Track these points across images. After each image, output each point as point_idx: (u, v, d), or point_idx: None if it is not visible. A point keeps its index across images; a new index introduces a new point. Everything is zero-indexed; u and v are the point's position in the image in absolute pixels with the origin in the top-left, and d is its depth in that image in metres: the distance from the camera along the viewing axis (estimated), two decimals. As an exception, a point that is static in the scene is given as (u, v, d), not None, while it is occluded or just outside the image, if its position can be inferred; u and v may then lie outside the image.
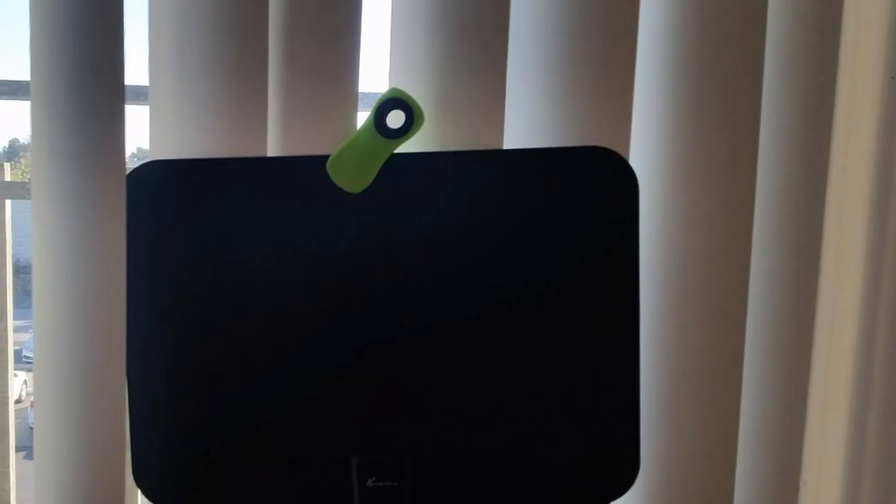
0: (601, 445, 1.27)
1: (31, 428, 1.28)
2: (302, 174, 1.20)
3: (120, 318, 1.20)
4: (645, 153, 1.30)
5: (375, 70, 1.30)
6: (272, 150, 1.22)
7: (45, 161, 1.17)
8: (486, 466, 1.26)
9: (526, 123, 1.27)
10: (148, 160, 1.20)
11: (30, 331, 1.26)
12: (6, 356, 2.11)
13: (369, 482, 1.24)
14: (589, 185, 1.22)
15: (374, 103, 1.19)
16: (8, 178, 2.10)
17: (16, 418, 2.14)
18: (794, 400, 1.39)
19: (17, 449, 2.18)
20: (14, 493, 2.14)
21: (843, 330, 1.43)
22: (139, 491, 1.26)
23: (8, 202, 2.07)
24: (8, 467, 2.12)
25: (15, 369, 2.16)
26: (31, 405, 1.26)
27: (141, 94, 1.38)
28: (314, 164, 1.19)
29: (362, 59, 1.21)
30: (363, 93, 1.23)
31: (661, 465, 1.33)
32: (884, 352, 1.43)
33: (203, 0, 1.17)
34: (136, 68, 1.26)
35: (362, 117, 1.21)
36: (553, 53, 1.24)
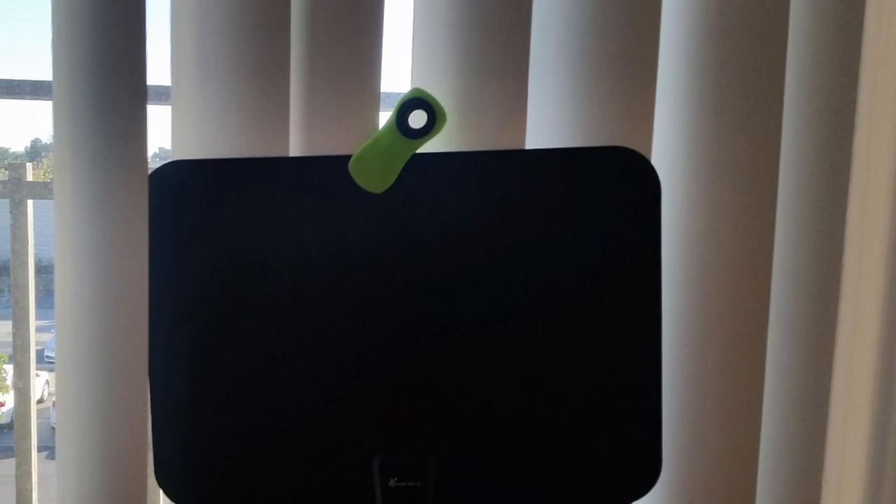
0: (624, 446, 1.25)
1: (53, 428, 1.26)
2: (324, 174, 1.18)
3: (142, 319, 1.18)
4: (667, 153, 1.28)
5: (397, 70, 1.28)
6: (294, 150, 1.20)
7: (67, 161, 1.16)
8: (509, 467, 1.25)
9: (548, 123, 1.25)
10: (170, 160, 1.19)
11: (52, 331, 1.25)
12: (28, 356, 2.11)
13: (392, 482, 1.22)
14: (611, 185, 1.20)
15: (396, 103, 1.17)
16: (30, 178, 2.09)
17: (38, 418, 2.14)
18: (816, 399, 1.37)
19: (39, 449, 2.17)
20: (36, 493, 2.13)
21: (865, 329, 1.41)
22: (161, 491, 1.25)
23: (30, 202, 2.07)
24: (30, 467, 2.11)
25: (37, 369, 2.16)
26: (53, 405, 1.25)
27: (163, 94, 1.36)
28: (336, 164, 1.18)
29: (384, 59, 1.20)
30: (385, 93, 1.21)
31: (684, 464, 1.31)
32: (906, 352, 1.42)
33: (225, 0, 1.16)
34: (158, 68, 1.25)
35: (384, 117, 1.19)
36: (575, 53, 1.22)
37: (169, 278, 1.19)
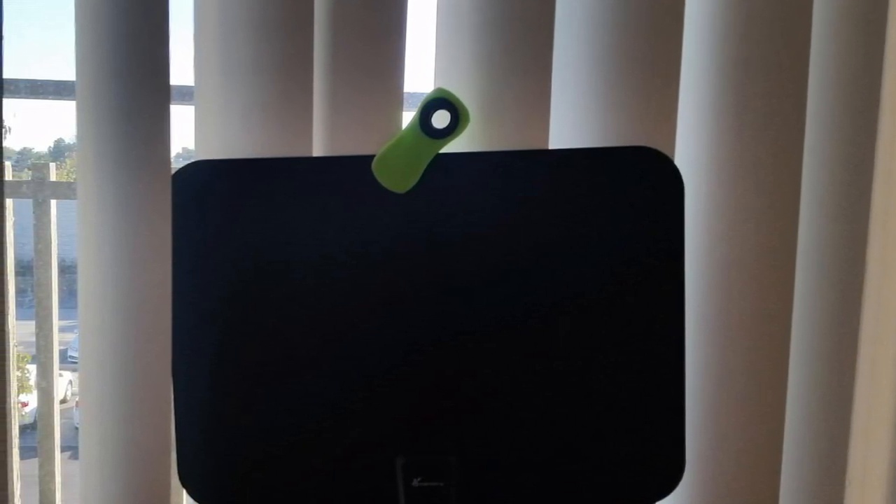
0: (647, 446, 1.23)
1: (77, 428, 1.25)
2: (347, 174, 1.16)
3: (165, 318, 1.16)
4: (690, 153, 1.26)
5: (421, 70, 1.27)
6: (317, 150, 1.19)
7: (90, 161, 1.14)
8: (532, 466, 1.23)
9: (571, 123, 1.23)
10: (193, 160, 1.17)
11: (75, 331, 1.24)
12: (51, 356, 2.10)
13: (415, 482, 1.20)
14: (634, 185, 1.18)
15: (419, 103, 1.15)
16: (53, 178, 2.09)
17: (61, 418, 2.13)
18: (839, 399, 1.34)
19: (63, 449, 2.16)
20: (59, 494, 2.12)
21: (888, 329, 1.39)
22: (184, 491, 1.23)
23: (53, 202, 2.06)
24: (53, 467, 2.11)
25: (60, 369, 2.15)
26: (77, 405, 1.24)
27: (186, 95, 1.35)
28: (359, 164, 1.16)
29: (408, 59, 1.18)
30: (409, 93, 1.20)
31: (707, 464, 1.29)
32: (929, 351, 1.40)
33: (248, 0, 1.14)
34: (182, 68, 1.24)
35: (408, 117, 1.17)
36: (598, 53, 1.20)
37: (192, 278, 1.18)
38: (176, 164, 1.17)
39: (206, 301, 1.19)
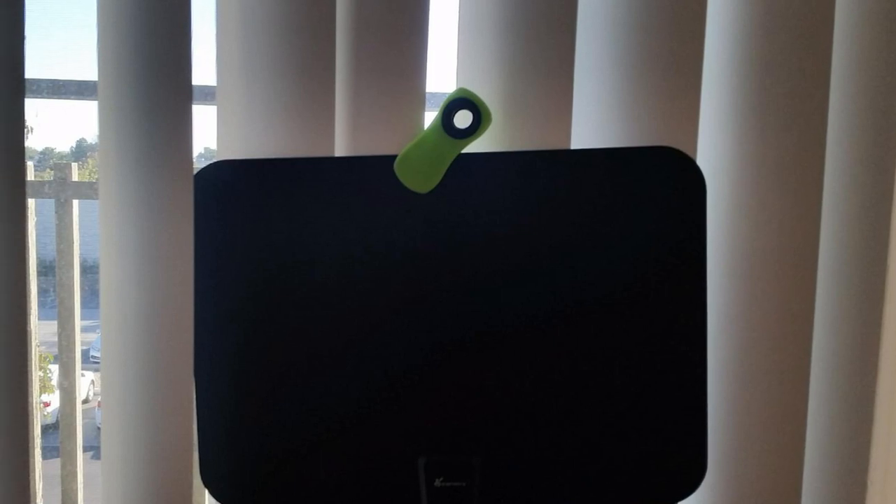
0: (669, 446, 1.21)
1: (99, 428, 1.24)
2: (369, 174, 1.15)
3: (187, 318, 1.15)
4: (712, 153, 1.24)
5: (443, 70, 1.26)
6: (339, 149, 1.17)
7: (112, 161, 1.12)
8: (554, 467, 1.21)
9: (593, 123, 1.21)
10: (215, 160, 1.16)
11: (97, 331, 1.23)
12: (74, 356, 2.10)
13: (437, 482, 1.19)
14: (656, 186, 1.17)
15: (441, 103, 1.14)
16: (75, 178, 2.08)
17: (83, 418, 2.13)
18: (861, 399, 1.33)
19: (85, 449, 2.16)
20: (81, 493, 2.12)
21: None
22: (206, 491, 1.22)
23: (75, 202, 2.06)
24: (76, 467, 2.10)
25: (82, 369, 2.15)
26: (99, 405, 1.23)
27: (208, 95, 1.35)
28: (381, 164, 1.15)
29: (430, 59, 1.16)
30: (431, 93, 1.18)
31: (729, 464, 1.27)
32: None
33: (270, 0, 1.13)
34: (204, 68, 1.23)
35: (430, 117, 1.16)
36: (620, 52, 1.19)
37: (214, 278, 1.17)
38: (198, 164, 1.16)
39: (227, 301, 1.17)
